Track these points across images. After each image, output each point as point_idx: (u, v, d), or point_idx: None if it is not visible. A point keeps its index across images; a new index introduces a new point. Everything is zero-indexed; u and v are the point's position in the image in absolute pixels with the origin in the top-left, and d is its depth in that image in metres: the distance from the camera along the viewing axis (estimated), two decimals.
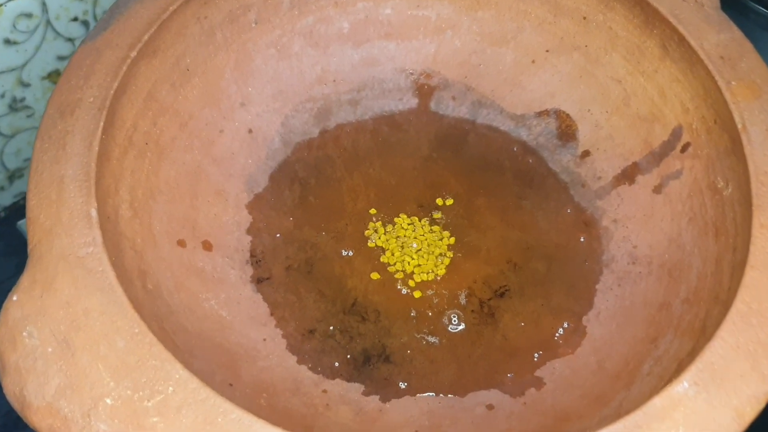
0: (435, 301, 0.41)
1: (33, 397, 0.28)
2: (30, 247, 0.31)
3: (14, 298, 0.30)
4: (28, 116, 0.56)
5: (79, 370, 0.28)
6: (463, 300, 0.41)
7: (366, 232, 0.44)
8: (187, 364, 0.29)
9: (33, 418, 0.28)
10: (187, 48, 0.41)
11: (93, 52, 0.36)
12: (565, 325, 0.40)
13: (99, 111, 0.34)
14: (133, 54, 0.36)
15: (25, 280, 0.30)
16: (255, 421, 0.27)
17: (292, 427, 0.28)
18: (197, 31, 0.41)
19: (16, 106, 0.55)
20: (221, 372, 0.35)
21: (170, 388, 0.28)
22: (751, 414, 0.29)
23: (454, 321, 0.41)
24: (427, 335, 0.40)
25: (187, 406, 0.27)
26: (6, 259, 0.58)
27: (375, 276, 0.42)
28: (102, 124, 0.34)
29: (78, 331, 0.29)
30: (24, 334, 0.29)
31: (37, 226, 0.32)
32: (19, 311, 0.29)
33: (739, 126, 0.36)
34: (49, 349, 0.28)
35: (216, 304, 0.38)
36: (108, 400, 0.27)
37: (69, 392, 0.28)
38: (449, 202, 0.45)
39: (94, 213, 0.32)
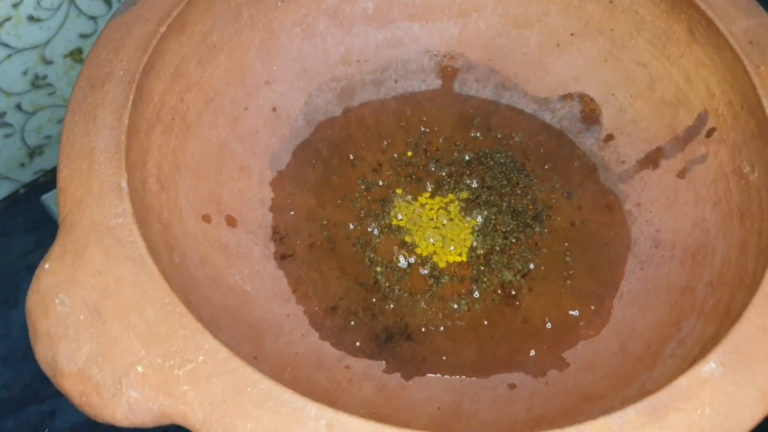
0: (457, 280, 0.41)
1: (65, 364, 0.28)
2: (61, 217, 0.31)
3: (46, 266, 0.30)
4: (50, 94, 0.56)
5: (110, 338, 0.28)
6: (485, 280, 0.41)
7: (390, 211, 0.44)
8: (215, 336, 0.29)
9: (65, 383, 0.28)
10: (214, 25, 0.41)
11: (123, 26, 0.36)
12: (588, 307, 0.40)
13: (129, 84, 0.35)
14: (163, 29, 0.36)
15: (56, 249, 0.30)
16: (283, 390, 0.27)
17: (317, 399, 0.28)
18: (224, 8, 0.41)
19: (38, 83, 0.55)
20: (246, 345, 0.35)
21: (200, 358, 0.28)
22: None
23: (476, 296, 0.41)
24: (449, 314, 0.40)
25: (217, 375, 0.28)
26: (27, 235, 0.59)
27: (397, 255, 0.42)
28: (132, 97, 0.34)
29: (109, 300, 0.29)
30: (56, 301, 0.29)
31: (68, 196, 0.32)
32: (51, 279, 0.29)
33: None
34: (81, 317, 0.29)
35: (240, 279, 0.38)
36: (139, 368, 0.28)
37: (100, 359, 0.28)
38: (463, 195, 0.45)
39: (124, 184, 0.32)
